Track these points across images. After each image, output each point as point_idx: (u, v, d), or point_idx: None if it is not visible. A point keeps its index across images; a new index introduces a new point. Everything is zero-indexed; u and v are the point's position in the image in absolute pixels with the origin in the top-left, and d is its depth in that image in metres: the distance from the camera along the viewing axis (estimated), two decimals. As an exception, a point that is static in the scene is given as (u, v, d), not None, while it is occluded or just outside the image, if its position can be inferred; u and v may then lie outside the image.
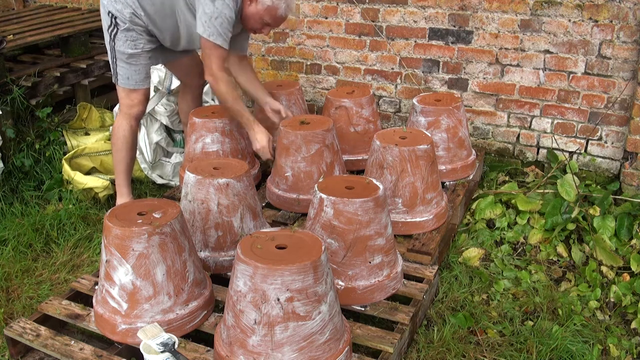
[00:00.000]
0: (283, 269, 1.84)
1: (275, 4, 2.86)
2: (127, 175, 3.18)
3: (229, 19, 2.84)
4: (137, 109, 3.09)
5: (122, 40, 2.94)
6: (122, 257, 2.10)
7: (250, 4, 2.87)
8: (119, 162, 3.15)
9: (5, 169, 3.55)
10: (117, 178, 3.19)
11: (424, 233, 2.82)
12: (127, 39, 2.94)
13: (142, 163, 3.69)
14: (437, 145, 3.23)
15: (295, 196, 3.02)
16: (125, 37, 2.93)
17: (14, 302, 2.75)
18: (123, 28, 2.91)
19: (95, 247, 3.15)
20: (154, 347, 2.00)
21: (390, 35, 3.85)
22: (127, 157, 3.14)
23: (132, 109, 3.07)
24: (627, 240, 2.97)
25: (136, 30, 2.93)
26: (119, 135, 3.10)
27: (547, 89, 3.54)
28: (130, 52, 2.96)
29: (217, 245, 2.56)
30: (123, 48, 2.95)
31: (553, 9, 3.38)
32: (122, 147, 3.12)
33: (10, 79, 3.66)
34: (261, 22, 2.93)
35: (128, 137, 3.10)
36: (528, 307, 2.69)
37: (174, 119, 3.84)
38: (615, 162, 3.49)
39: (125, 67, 2.99)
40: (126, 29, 2.91)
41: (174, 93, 3.89)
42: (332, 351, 1.97)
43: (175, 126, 3.86)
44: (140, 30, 2.94)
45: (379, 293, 2.41)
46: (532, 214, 3.18)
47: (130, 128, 3.10)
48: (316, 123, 3.06)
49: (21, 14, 4.82)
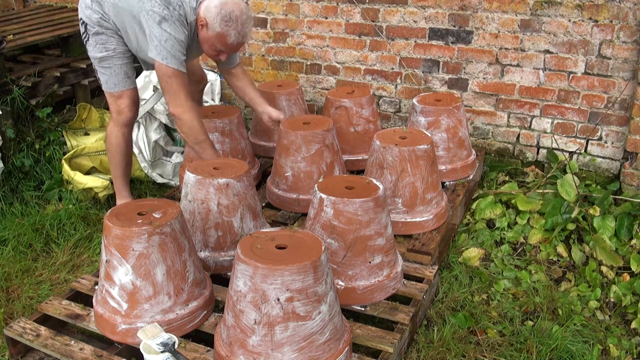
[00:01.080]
0: (283, 269, 1.84)
1: (224, 31, 2.70)
2: (124, 179, 3.22)
3: (180, 42, 2.71)
4: (125, 116, 3.07)
5: (92, 45, 2.94)
6: (122, 257, 2.10)
7: (201, 29, 2.75)
8: (115, 167, 3.18)
9: (5, 169, 3.55)
10: (115, 182, 3.23)
11: (424, 233, 2.82)
12: (96, 43, 2.93)
13: (141, 162, 3.69)
14: (437, 145, 3.23)
15: (295, 196, 3.02)
16: (95, 41, 2.92)
17: (14, 302, 2.75)
18: (93, 32, 2.91)
19: (95, 247, 3.15)
20: (154, 347, 2.00)
21: (390, 35, 3.85)
22: (122, 162, 3.16)
23: (120, 115, 3.06)
24: (627, 240, 2.97)
25: (106, 33, 2.91)
26: (112, 143, 3.12)
27: (547, 89, 3.54)
28: (100, 56, 2.95)
29: (217, 245, 2.56)
30: (94, 53, 2.96)
31: (553, 9, 3.38)
32: (117, 153, 3.14)
33: (10, 79, 3.66)
34: (214, 49, 2.80)
35: (121, 144, 3.12)
36: (528, 307, 2.69)
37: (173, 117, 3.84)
38: (615, 162, 3.49)
39: (101, 71, 3.00)
40: (95, 32, 2.90)
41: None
42: (332, 351, 1.97)
43: (175, 125, 3.87)
44: (111, 32, 2.92)
45: (379, 293, 2.41)
46: (532, 214, 3.18)
47: (122, 135, 3.10)
48: (316, 123, 3.06)
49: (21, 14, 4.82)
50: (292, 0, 4.05)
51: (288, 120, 3.12)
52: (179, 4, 2.70)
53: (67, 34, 4.16)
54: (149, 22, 2.68)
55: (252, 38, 4.26)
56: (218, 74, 4.35)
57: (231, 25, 2.68)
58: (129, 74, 3.03)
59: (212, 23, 2.68)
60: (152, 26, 2.68)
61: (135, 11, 2.74)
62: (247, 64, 4.36)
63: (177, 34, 2.69)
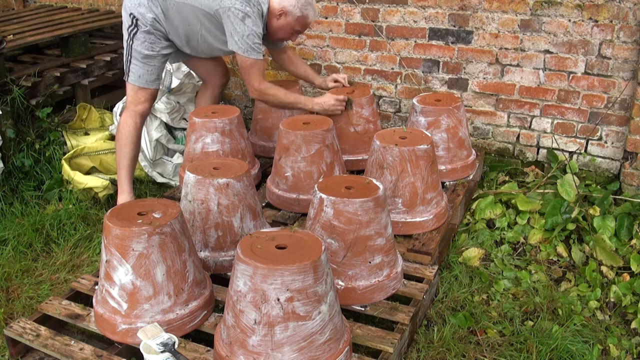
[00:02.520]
0: (283, 269, 1.84)
1: (304, 13, 3.11)
2: (129, 171, 3.22)
3: (259, 35, 3.04)
4: (142, 106, 3.17)
5: (140, 40, 3.05)
6: (122, 257, 2.10)
7: (279, 18, 3.10)
8: (123, 157, 3.18)
9: (5, 169, 3.55)
10: (119, 174, 3.20)
11: (424, 233, 2.82)
12: (145, 40, 3.05)
13: (142, 161, 3.69)
14: (437, 145, 3.23)
15: (295, 196, 3.02)
16: (144, 38, 3.05)
17: (14, 302, 2.75)
18: (143, 30, 3.03)
19: (95, 247, 3.15)
20: (154, 347, 2.00)
21: (390, 35, 3.86)
22: (131, 152, 3.19)
23: (138, 105, 3.15)
24: (627, 240, 2.97)
25: (155, 35, 3.06)
26: (124, 131, 3.16)
27: (547, 89, 3.54)
28: (146, 53, 3.07)
29: (217, 245, 2.56)
30: (140, 48, 3.06)
31: (553, 9, 3.38)
32: (127, 142, 3.17)
33: (10, 79, 3.66)
34: (291, 32, 3.18)
35: (133, 133, 3.17)
36: (528, 307, 2.69)
37: (175, 116, 3.86)
38: (615, 162, 3.49)
39: (138, 65, 3.08)
40: (146, 31, 3.03)
41: (174, 92, 3.90)
42: (332, 351, 1.97)
43: (176, 123, 3.88)
44: (160, 35, 3.07)
45: (379, 293, 2.41)
46: (532, 214, 3.18)
47: (135, 125, 3.17)
48: (316, 123, 3.06)
49: (21, 14, 4.82)
50: (292, 0, 4.05)
51: (288, 120, 3.12)
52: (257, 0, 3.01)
53: (67, 34, 4.16)
54: (232, 18, 2.97)
55: None
56: None
57: (309, 7, 3.13)
58: (160, 76, 3.21)
59: (293, 10, 3.08)
60: (234, 22, 2.97)
61: (211, 7, 2.99)
62: (247, 64, 4.36)
63: (257, 28, 3.02)
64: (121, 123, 3.19)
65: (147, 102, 3.18)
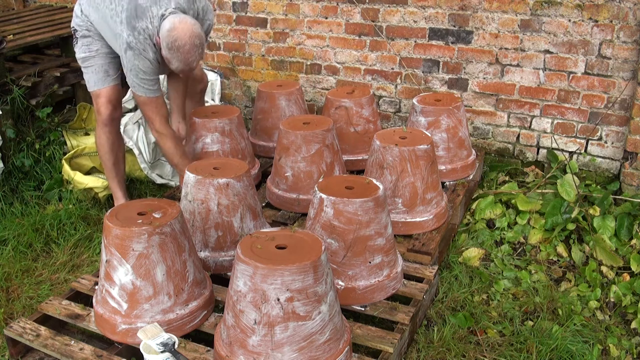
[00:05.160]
0: (283, 269, 1.84)
1: (169, 56, 2.70)
2: (117, 179, 3.25)
3: (145, 70, 2.74)
4: (103, 115, 3.09)
5: (78, 47, 3.03)
6: (122, 257, 2.10)
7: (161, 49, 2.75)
8: (109, 168, 3.23)
9: (5, 169, 3.55)
10: (111, 185, 3.28)
11: (424, 233, 2.82)
12: (82, 45, 3.02)
13: (141, 163, 3.69)
14: (437, 145, 3.23)
15: (295, 196, 3.02)
16: (81, 43, 3.02)
17: (14, 302, 2.75)
18: (80, 35, 3.00)
19: (95, 247, 3.15)
20: (154, 347, 2.00)
21: (390, 35, 3.85)
22: (109, 162, 3.20)
23: (99, 115, 3.12)
24: (627, 240, 2.97)
25: (92, 37, 3.00)
26: (99, 145, 3.20)
27: (547, 89, 3.54)
28: (83, 56, 3.03)
29: (217, 245, 2.56)
30: (79, 54, 3.04)
31: (553, 9, 3.38)
32: (104, 155, 3.19)
33: (10, 79, 3.66)
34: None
35: (105, 145, 3.16)
36: (528, 307, 2.69)
37: None
38: (615, 162, 3.49)
39: (85, 71, 3.08)
40: (82, 35, 3.00)
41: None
42: (332, 351, 1.97)
43: None
44: (97, 37, 3.00)
45: (379, 293, 2.41)
46: (532, 214, 3.18)
47: (104, 134, 3.14)
48: (316, 123, 3.06)
49: (21, 14, 4.82)
50: (292, 0, 4.05)
51: (288, 120, 3.12)
52: (145, 26, 2.69)
53: (67, 34, 4.16)
54: (119, 47, 2.77)
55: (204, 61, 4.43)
56: (219, 73, 4.35)
57: (174, 53, 2.66)
58: (109, 72, 3.06)
59: (162, 46, 2.69)
60: (120, 52, 2.78)
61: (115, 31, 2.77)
62: (247, 64, 4.36)
63: (141, 62, 2.72)
64: (95, 137, 3.19)
65: (103, 107, 3.05)
